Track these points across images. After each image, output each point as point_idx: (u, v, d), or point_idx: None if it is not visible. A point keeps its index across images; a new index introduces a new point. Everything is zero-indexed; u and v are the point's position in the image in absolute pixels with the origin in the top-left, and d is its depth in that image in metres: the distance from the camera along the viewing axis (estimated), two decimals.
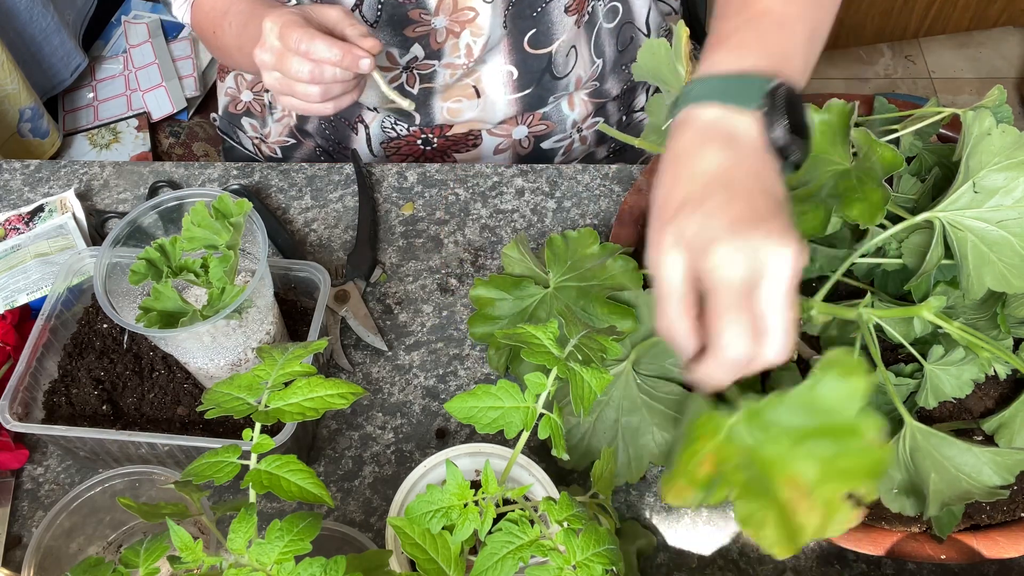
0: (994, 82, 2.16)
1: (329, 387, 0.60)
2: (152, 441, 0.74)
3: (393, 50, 0.98)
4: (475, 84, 1.02)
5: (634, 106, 1.15)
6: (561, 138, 1.11)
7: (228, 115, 1.19)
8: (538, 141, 1.10)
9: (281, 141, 1.15)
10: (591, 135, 1.13)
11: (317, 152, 1.15)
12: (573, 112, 1.09)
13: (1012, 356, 0.67)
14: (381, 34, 0.96)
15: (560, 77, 1.04)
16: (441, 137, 1.07)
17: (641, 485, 0.79)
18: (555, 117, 1.08)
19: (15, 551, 0.77)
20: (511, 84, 1.02)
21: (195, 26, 1.00)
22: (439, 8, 0.94)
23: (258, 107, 1.15)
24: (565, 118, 1.09)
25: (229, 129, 1.19)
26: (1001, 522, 0.71)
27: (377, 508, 0.79)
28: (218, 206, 0.70)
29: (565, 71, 1.04)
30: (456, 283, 0.92)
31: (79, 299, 0.85)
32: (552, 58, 1.01)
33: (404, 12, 0.94)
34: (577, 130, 1.11)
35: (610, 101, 1.11)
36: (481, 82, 1.02)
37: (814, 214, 0.70)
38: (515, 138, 1.09)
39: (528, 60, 1.01)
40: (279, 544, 0.52)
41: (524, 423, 0.61)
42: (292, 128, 1.14)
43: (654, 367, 0.75)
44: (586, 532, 0.58)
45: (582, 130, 1.11)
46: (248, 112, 1.16)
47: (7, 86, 1.38)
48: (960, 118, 0.69)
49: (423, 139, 1.07)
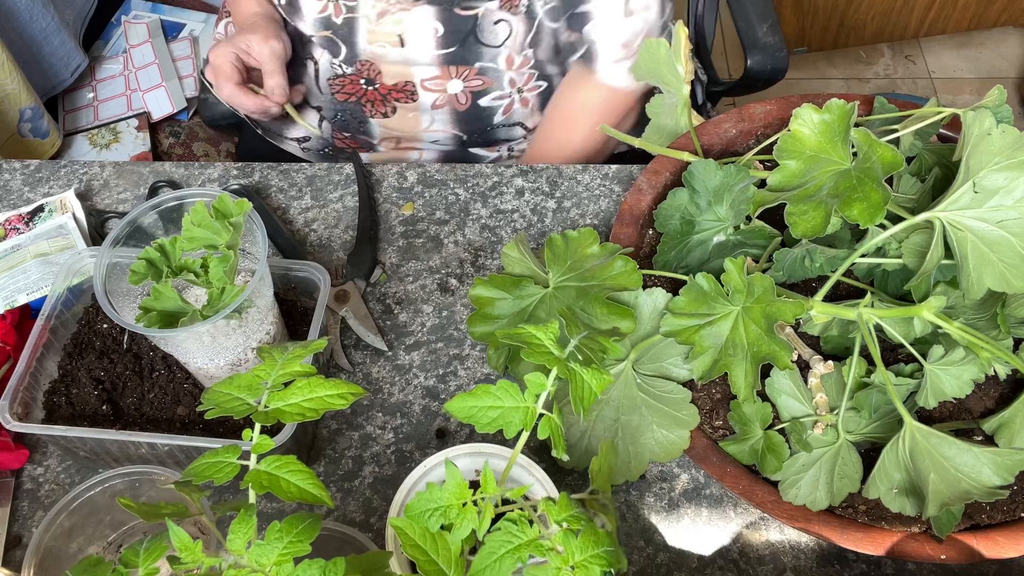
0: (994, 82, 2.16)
1: (329, 387, 0.60)
2: (152, 441, 0.74)
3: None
4: (400, 33, 1.04)
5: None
6: (499, 95, 1.11)
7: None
8: (476, 97, 1.11)
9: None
10: (533, 98, 1.14)
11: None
12: (510, 71, 1.09)
13: (1012, 356, 0.67)
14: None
15: (487, 45, 1.04)
16: (380, 83, 1.10)
17: (641, 484, 0.79)
18: (491, 74, 1.09)
19: (15, 551, 0.77)
20: (436, 40, 1.04)
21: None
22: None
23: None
24: (501, 74, 1.09)
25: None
26: (1001, 522, 0.71)
27: (377, 508, 0.79)
28: (218, 206, 0.70)
29: (493, 42, 1.04)
30: (456, 283, 0.92)
31: (79, 299, 0.85)
32: (478, 21, 1.02)
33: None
34: (518, 91, 1.11)
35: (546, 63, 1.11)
36: (406, 32, 1.03)
37: (814, 214, 0.70)
38: (450, 92, 1.09)
39: (454, 19, 1.02)
40: (279, 545, 0.52)
41: (524, 423, 0.61)
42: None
43: (654, 366, 0.75)
44: (585, 533, 0.58)
45: (523, 91, 1.12)
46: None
47: (7, 86, 1.38)
48: (960, 118, 0.69)
49: (365, 79, 1.10)
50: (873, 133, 0.71)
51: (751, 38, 1.19)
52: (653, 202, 0.84)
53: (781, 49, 1.18)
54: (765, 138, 0.90)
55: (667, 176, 0.86)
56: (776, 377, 0.73)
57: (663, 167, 0.86)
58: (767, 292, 0.67)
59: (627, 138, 0.89)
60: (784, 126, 0.78)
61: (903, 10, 2.24)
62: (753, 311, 0.68)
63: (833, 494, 0.69)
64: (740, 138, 0.90)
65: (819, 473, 0.70)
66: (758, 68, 1.18)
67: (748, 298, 0.68)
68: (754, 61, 1.18)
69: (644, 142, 0.88)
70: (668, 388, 0.74)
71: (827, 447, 0.71)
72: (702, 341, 0.69)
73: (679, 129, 0.89)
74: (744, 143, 0.90)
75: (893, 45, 2.37)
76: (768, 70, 1.18)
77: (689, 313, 0.70)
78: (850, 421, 0.71)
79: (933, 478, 0.65)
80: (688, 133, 0.87)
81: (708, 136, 0.89)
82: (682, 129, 0.89)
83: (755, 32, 1.19)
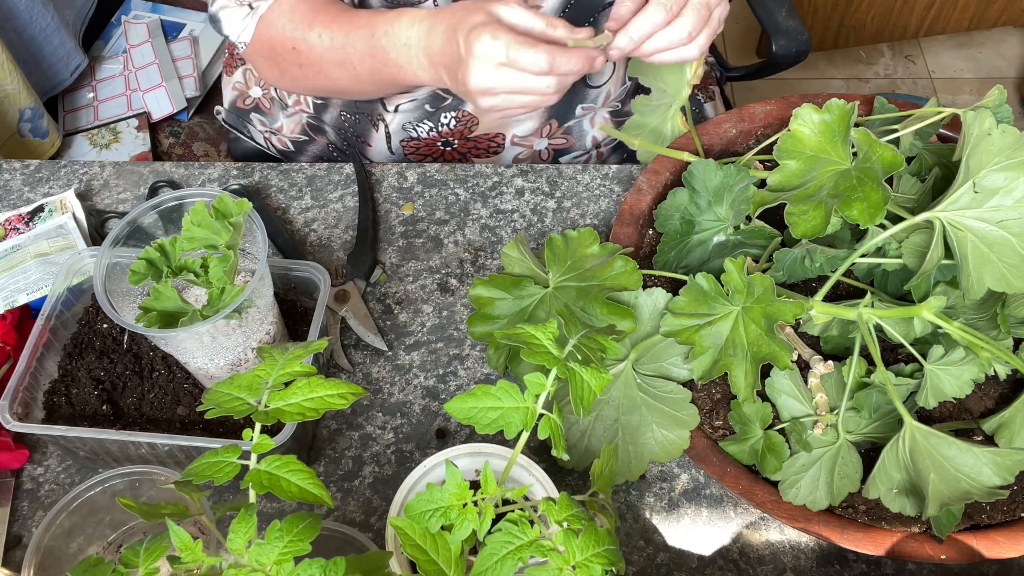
0: (994, 82, 2.17)
1: (329, 387, 0.60)
2: (152, 441, 0.74)
3: None
4: None
5: None
6: (579, 154, 1.11)
7: (236, 110, 1.19)
8: (557, 155, 1.10)
9: (294, 136, 1.15)
10: (608, 152, 1.14)
11: (330, 148, 1.15)
12: (594, 129, 1.09)
13: (1012, 356, 0.67)
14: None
15: (593, 86, 1.03)
16: (462, 139, 1.06)
17: (641, 484, 0.79)
18: (576, 132, 1.08)
19: (15, 551, 0.77)
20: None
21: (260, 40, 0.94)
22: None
23: (267, 103, 1.15)
24: (585, 134, 1.09)
25: (237, 123, 1.19)
26: (1001, 522, 0.71)
27: (377, 508, 0.79)
28: (218, 206, 0.70)
29: (599, 81, 1.03)
30: (456, 283, 0.92)
31: (79, 299, 0.85)
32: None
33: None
34: (596, 147, 1.11)
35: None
36: None
37: (814, 214, 0.70)
38: (535, 149, 1.09)
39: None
40: (279, 544, 0.52)
41: (524, 423, 0.61)
42: (305, 125, 1.13)
43: (654, 366, 0.75)
44: (586, 532, 0.58)
45: (600, 146, 1.11)
46: (257, 108, 1.16)
47: (7, 86, 1.38)
48: (960, 118, 0.69)
49: (443, 141, 1.06)
50: (873, 133, 0.71)
51: (773, 23, 1.22)
52: (653, 202, 0.84)
53: (803, 32, 1.22)
54: (765, 138, 0.90)
55: (667, 176, 0.86)
56: (776, 377, 0.73)
57: (663, 167, 0.86)
58: (767, 292, 0.67)
59: (626, 138, 0.89)
60: (784, 126, 0.78)
61: (903, 10, 2.24)
62: (753, 311, 0.68)
63: (833, 494, 0.69)
64: (740, 138, 0.90)
65: (819, 473, 0.70)
66: (783, 52, 1.22)
67: (748, 298, 0.69)
68: (779, 46, 1.22)
69: (644, 142, 0.88)
70: (668, 388, 0.74)
71: (827, 447, 0.71)
72: (702, 341, 0.69)
73: (664, 130, 0.89)
74: (744, 143, 0.90)
75: (893, 45, 2.37)
76: (793, 53, 1.22)
77: (689, 313, 0.70)
78: (850, 421, 0.72)
79: (933, 478, 0.65)
80: (689, 133, 0.87)
81: (708, 136, 0.89)
82: (667, 131, 0.88)
83: (775, 18, 1.23)
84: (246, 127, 1.19)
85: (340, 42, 0.88)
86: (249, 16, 0.93)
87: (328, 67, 0.91)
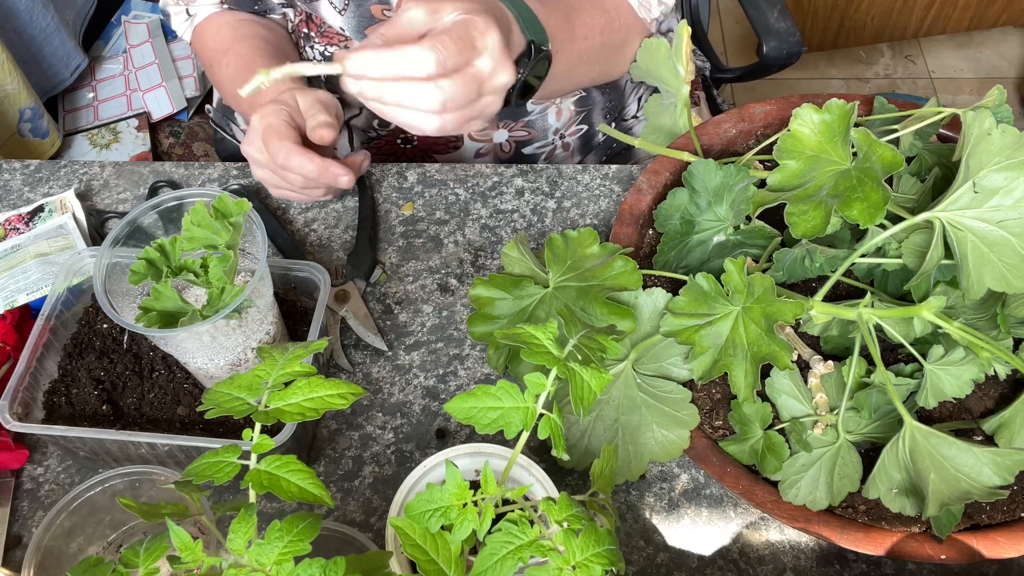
0: (994, 82, 2.16)
1: (329, 387, 0.60)
2: (152, 441, 0.74)
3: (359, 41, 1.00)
4: None
5: (624, 115, 1.15)
6: (542, 144, 1.11)
7: (223, 108, 1.20)
8: (519, 146, 1.10)
9: None
10: (574, 142, 1.13)
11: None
12: (558, 121, 1.09)
13: (1012, 356, 0.67)
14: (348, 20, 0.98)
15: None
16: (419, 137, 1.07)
17: (641, 484, 0.79)
18: (538, 125, 1.08)
19: (15, 551, 0.77)
20: None
21: (195, 49, 1.08)
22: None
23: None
24: (548, 127, 1.09)
25: (223, 122, 1.20)
26: (1001, 522, 0.71)
27: (377, 508, 0.79)
28: (218, 206, 0.70)
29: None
30: (456, 283, 0.92)
31: (79, 299, 0.85)
32: None
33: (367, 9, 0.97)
34: (559, 136, 1.11)
35: (595, 109, 1.11)
36: None
37: (814, 214, 0.70)
38: (496, 142, 1.09)
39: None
40: (279, 544, 0.52)
41: (524, 423, 0.61)
42: None
43: (654, 366, 0.75)
44: (586, 532, 0.58)
45: (564, 136, 1.11)
46: None
47: (7, 86, 1.38)
48: (960, 118, 0.69)
49: (402, 137, 1.08)
50: (873, 133, 0.71)
51: (764, 25, 1.21)
52: (653, 202, 0.84)
53: (795, 34, 1.20)
54: (765, 138, 0.90)
55: (667, 176, 0.86)
56: (776, 377, 0.73)
57: (663, 167, 0.86)
58: (767, 292, 0.67)
59: (627, 138, 0.89)
60: (784, 126, 0.78)
61: (903, 10, 2.24)
62: (753, 311, 0.68)
63: (833, 494, 0.69)
64: (740, 138, 0.90)
65: (819, 473, 0.70)
66: (774, 54, 1.20)
67: (748, 298, 0.69)
68: (770, 47, 1.20)
69: (644, 142, 0.88)
70: (668, 388, 0.74)
71: (827, 447, 0.71)
72: (702, 341, 0.69)
73: (678, 129, 0.89)
74: (744, 143, 0.90)
75: (893, 45, 2.37)
76: (784, 55, 1.20)
77: (689, 313, 0.70)
78: (850, 421, 0.71)
79: (933, 478, 0.65)
80: (688, 133, 0.87)
81: (708, 136, 0.89)
82: (681, 129, 0.89)
83: (767, 19, 1.21)
84: (230, 126, 1.19)
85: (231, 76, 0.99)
86: (187, 22, 1.06)
87: (226, 93, 1.04)
